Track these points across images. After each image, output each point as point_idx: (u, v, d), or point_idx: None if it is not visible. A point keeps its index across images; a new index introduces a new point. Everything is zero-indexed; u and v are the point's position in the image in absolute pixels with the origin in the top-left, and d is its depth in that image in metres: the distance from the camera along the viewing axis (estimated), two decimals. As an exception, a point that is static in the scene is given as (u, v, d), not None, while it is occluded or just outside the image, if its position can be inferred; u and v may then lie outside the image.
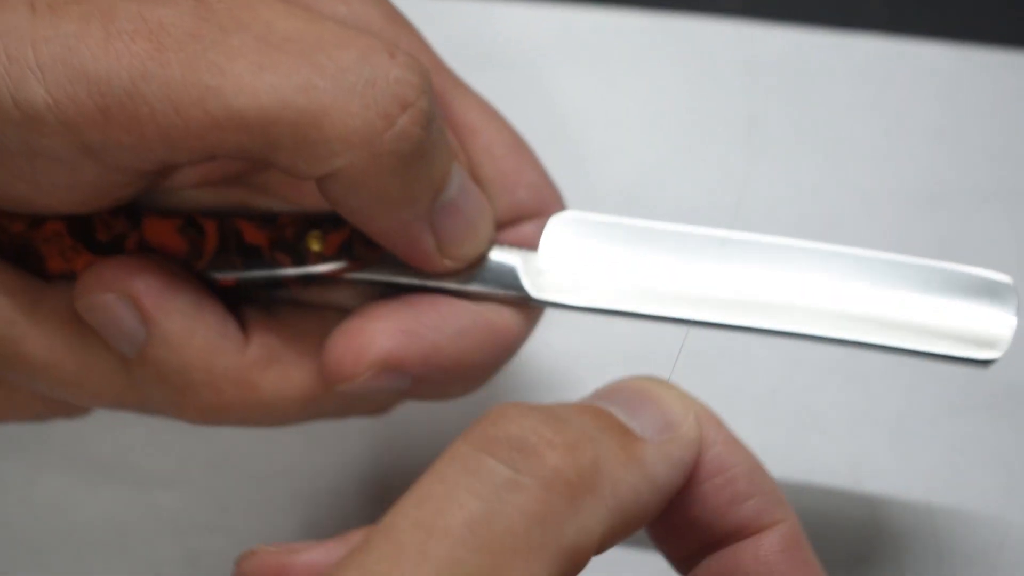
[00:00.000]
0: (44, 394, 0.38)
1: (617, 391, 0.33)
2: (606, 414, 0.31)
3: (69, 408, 0.39)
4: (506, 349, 0.38)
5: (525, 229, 0.39)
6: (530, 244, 0.38)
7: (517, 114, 0.49)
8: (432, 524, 0.26)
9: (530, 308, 0.38)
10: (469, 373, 0.37)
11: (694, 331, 0.37)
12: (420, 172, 0.33)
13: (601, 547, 0.29)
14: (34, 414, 0.39)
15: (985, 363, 0.36)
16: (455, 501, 0.27)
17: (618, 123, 0.50)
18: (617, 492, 0.29)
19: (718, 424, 0.33)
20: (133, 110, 0.31)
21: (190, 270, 0.36)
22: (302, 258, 0.36)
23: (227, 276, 0.36)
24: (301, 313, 0.38)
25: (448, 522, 0.26)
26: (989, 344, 0.36)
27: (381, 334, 0.35)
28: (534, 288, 0.37)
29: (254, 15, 0.32)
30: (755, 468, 0.33)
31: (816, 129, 0.50)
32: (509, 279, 0.37)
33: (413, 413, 0.44)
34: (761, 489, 0.33)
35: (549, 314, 0.40)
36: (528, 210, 0.38)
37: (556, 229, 0.38)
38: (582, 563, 0.28)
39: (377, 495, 0.46)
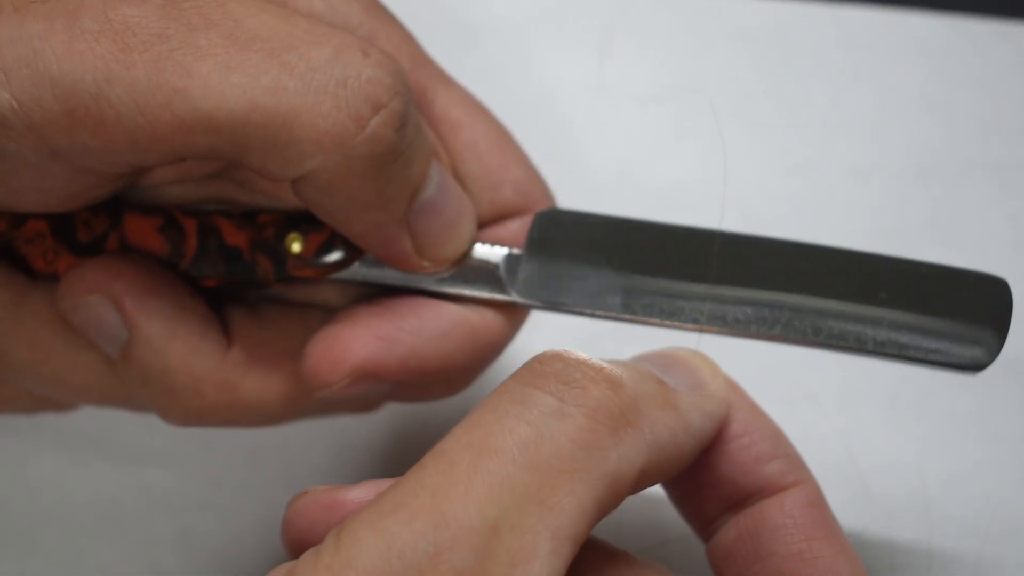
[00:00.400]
0: (31, 390, 0.37)
1: (652, 356, 0.34)
2: (644, 367, 0.32)
3: (58, 402, 0.39)
4: (489, 352, 0.37)
5: (510, 227, 0.38)
6: (515, 242, 0.37)
7: (505, 88, 0.49)
8: (483, 445, 0.28)
9: (515, 309, 0.37)
10: (450, 376, 0.37)
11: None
12: (395, 174, 0.33)
13: (639, 482, 0.30)
14: (23, 408, 0.39)
15: (975, 371, 0.36)
16: (505, 426, 0.28)
17: (606, 97, 0.50)
18: (655, 430, 0.30)
19: (743, 393, 0.35)
20: (98, 113, 0.30)
21: (173, 269, 0.36)
22: (282, 260, 0.36)
23: (209, 278, 0.36)
24: (284, 311, 0.38)
25: (499, 443, 0.28)
26: (980, 353, 0.36)
27: (358, 341, 0.35)
28: (517, 289, 0.37)
29: (224, 12, 0.31)
30: (778, 434, 0.35)
31: (805, 102, 0.50)
32: (492, 280, 0.37)
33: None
34: (784, 452, 0.34)
35: (536, 312, 0.39)
36: (513, 208, 0.38)
37: (541, 227, 0.37)
38: (622, 493, 0.29)
39: (371, 472, 0.46)
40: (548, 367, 0.29)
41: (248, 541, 0.46)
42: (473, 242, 0.37)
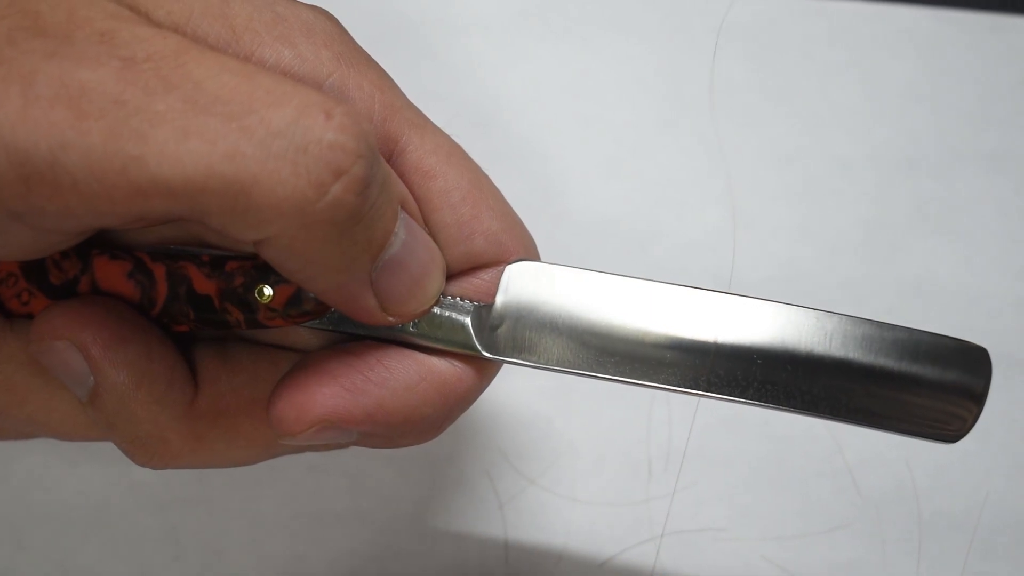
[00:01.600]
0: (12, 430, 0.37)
1: None
2: None
3: None
4: (457, 404, 0.36)
5: (482, 278, 0.37)
6: (486, 295, 0.36)
7: (484, 83, 0.49)
8: None
9: (486, 362, 0.37)
10: (418, 427, 0.36)
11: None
12: (357, 237, 0.32)
13: None
14: (10, 437, 0.39)
15: (951, 443, 0.35)
16: None
17: (590, 92, 0.50)
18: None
19: None
20: (54, 180, 0.30)
21: (144, 314, 0.36)
22: (253, 310, 0.35)
23: (180, 324, 0.36)
24: (255, 353, 0.37)
25: None
26: (956, 427, 0.35)
27: (324, 391, 0.35)
28: (486, 344, 0.36)
29: (183, 74, 0.31)
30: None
31: (792, 94, 0.50)
32: (460, 334, 0.36)
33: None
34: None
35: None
36: (485, 258, 0.37)
37: (512, 280, 0.36)
38: None
39: (360, 480, 0.47)
40: None
41: (236, 535, 0.46)
42: (441, 295, 0.36)
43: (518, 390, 0.47)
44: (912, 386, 0.35)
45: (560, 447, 0.47)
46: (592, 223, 0.49)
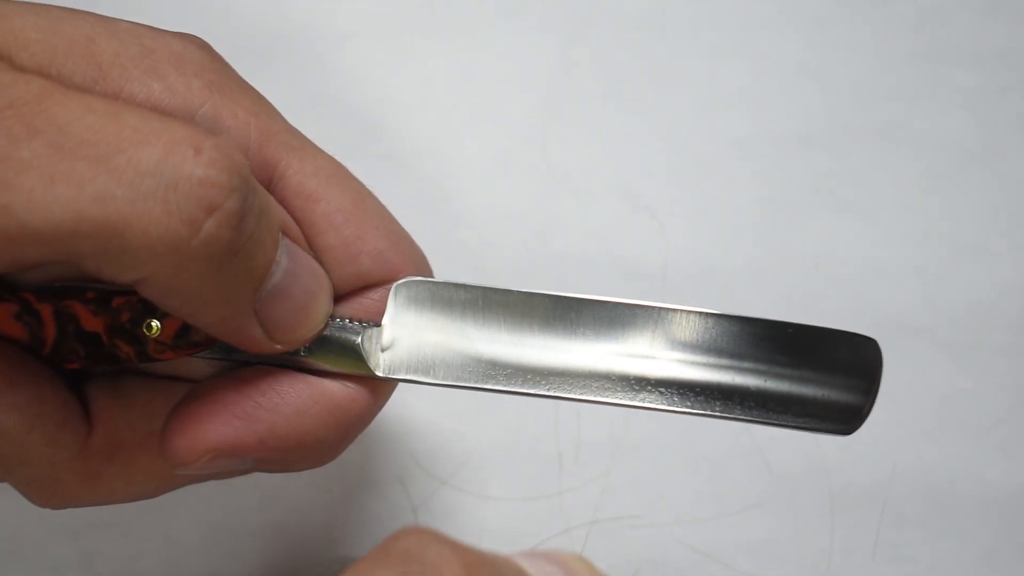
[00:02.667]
0: None
1: (526, 552, 0.32)
2: (508, 559, 0.31)
3: None
4: (352, 425, 0.37)
5: (372, 297, 0.37)
6: (376, 315, 0.37)
7: (373, 87, 0.49)
8: None
9: (380, 382, 0.37)
10: (313, 451, 0.36)
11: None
12: (236, 270, 0.32)
13: None
14: None
15: (845, 435, 0.36)
16: None
17: (481, 87, 0.50)
18: None
19: None
20: None
21: (34, 355, 0.36)
22: (142, 344, 0.35)
23: (71, 362, 0.36)
24: (148, 386, 0.37)
25: None
26: (849, 419, 0.35)
27: (215, 420, 0.35)
28: (377, 363, 0.36)
29: (48, 118, 0.30)
30: None
31: (683, 80, 0.50)
32: (351, 356, 0.36)
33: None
34: None
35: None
36: (373, 279, 0.37)
37: (399, 298, 0.36)
38: None
39: (272, 492, 0.47)
40: (401, 543, 0.28)
41: (151, 557, 0.46)
42: (330, 318, 0.36)
43: (424, 392, 0.47)
44: (805, 382, 0.35)
45: (469, 446, 0.47)
46: (491, 219, 0.49)
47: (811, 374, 0.35)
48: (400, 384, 0.38)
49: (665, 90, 0.50)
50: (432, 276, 0.38)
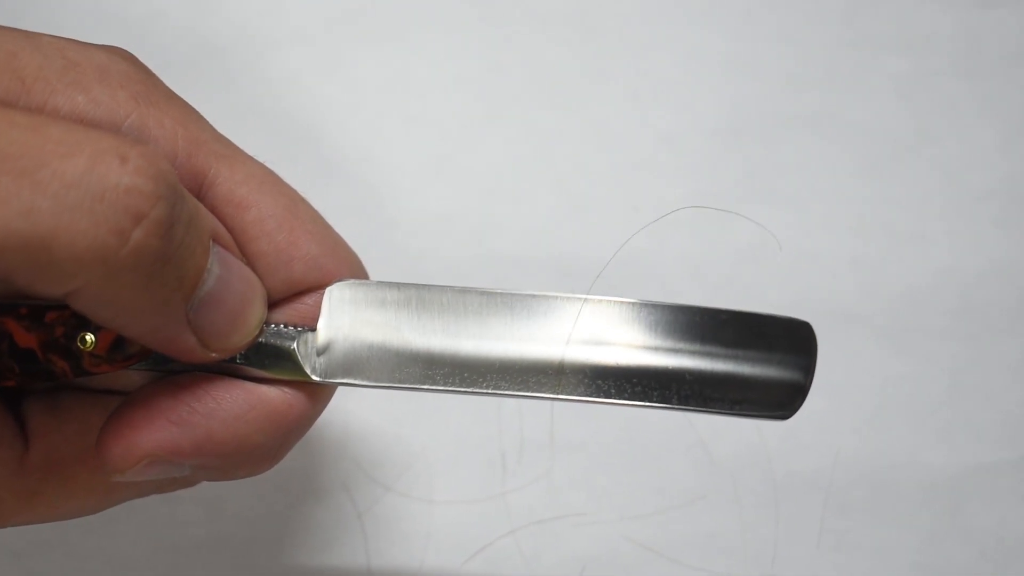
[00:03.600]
0: None
1: None
2: None
3: None
4: (290, 430, 0.37)
5: (307, 302, 0.37)
6: (311, 320, 0.37)
7: (305, 94, 0.49)
8: None
9: (318, 387, 0.37)
10: (251, 456, 0.36)
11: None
12: (166, 279, 0.32)
13: None
14: None
15: (783, 419, 0.36)
16: None
17: (412, 91, 0.51)
18: None
19: None
20: None
21: None
22: (77, 359, 0.35)
23: (7, 380, 0.36)
24: (85, 401, 0.37)
25: None
26: (786, 403, 0.36)
27: (150, 426, 0.35)
28: (314, 369, 0.36)
29: None
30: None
31: (613, 74, 0.50)
32: (287, 361, 0.36)
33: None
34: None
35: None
36: (307, 284, 0.37)
37: (333, 302, 0.37)
38: None
39: (215, 504, 0.47)
40: None
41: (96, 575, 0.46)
42: (264, 324, 0.36)
43: (367, 398, 0.48)
44: (740, 368, 0.35)
45: (413, 450, 0.47)
46: (427, 222, 0.49)
47: (746, 360, 0.36)
48: (342, 390, 0.38)
49: (596, 87, 0.51)
50: (368, 279, 0.38)
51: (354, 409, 0.47)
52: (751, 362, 0.35)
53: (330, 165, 0.50)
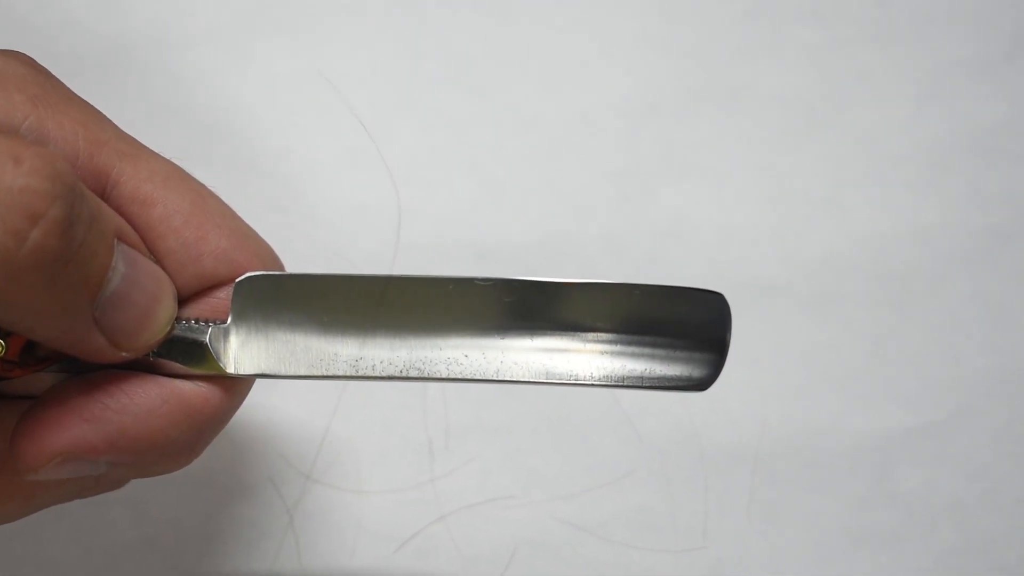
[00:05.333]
0: None
1: None
2: None
3: None
4: (206, 424, 0.37)
5: (218, 297, 0.37)
6: (223, 313, 0.37)
7: (218, 91, 0.49)
8: None
9: (234, 380, 0.37)
10: (166, 451, 0.37)
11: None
12: (69, 279, 0.32)
13: None
14: None
15: (701, 390, 0.36)
16: None
17: (326, 82, 0.51)
18: None
19: None
20: None
21: None
22: None
23: None
24: (1, 407, 0.37)
25: None
26: (703, 373, 0.36)
27: (62, 423, 0.35)
28: (227, 362, 0.37)
29: None
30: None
31: (527, 56, 0.51)
32: (200, 355, 0.37)
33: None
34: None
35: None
36: (218, 278, 0.37)
37: (242, 295, 0.37)
38: None
39: (143, 506, 0.47)
40: None
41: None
42: (176, 320, 0.37)
43: (291, 392, 0.48)
44: (656, 341, 0.36)
45: (339, 441, 0.48)
46: (345, 213, 0.50)
47: (662, 333, 0.36)
48: (264, 385, 0.38)
49: (510, 69, 0.51)
50: (282, 271, 0.38)
51: (278, 403, 0.48)
52: (667, 335, 0.36)
53: (246, 160, 0.50)
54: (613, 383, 0.36)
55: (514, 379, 0.36)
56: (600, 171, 0.50)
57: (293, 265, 0.40)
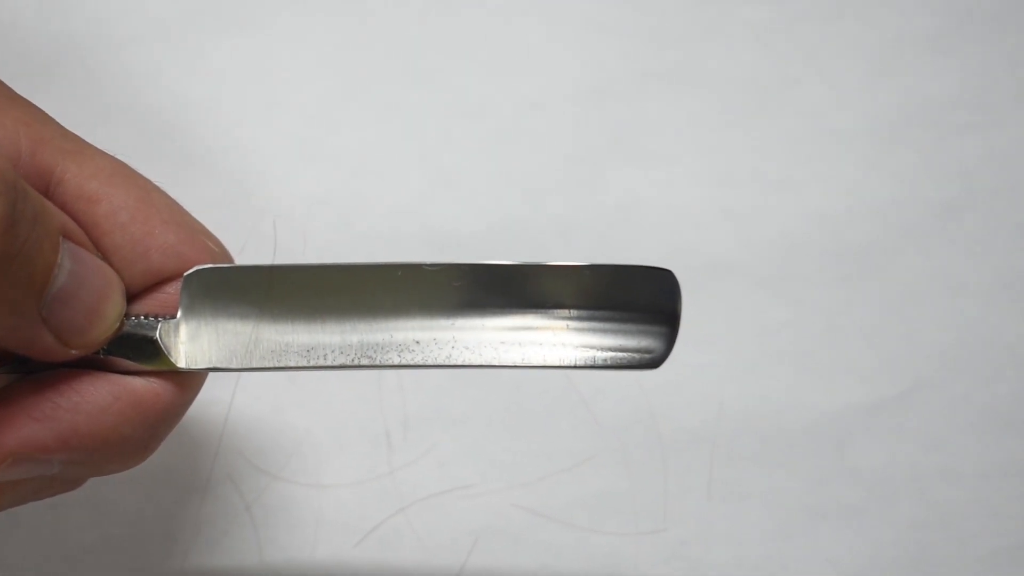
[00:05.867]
0: None
1: None
2: None
3: None
4: (159, 420, 0.37)
5: (168, 292, 0.37)
6: (173, 308, 0.37)
7: (167, 89, 0.49)
8: None
9: (187, 374, 0.37)
10: (119, 449, 0.36)
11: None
12: (14, 278, 0.32)
13: None
14: None
15: (653, 368, 0.37)
16: None
17: (275, 77, 0.51)
18: None
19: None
20: None
21: None
22: None
23: None
24: None
25: None
26: (655, 350, 0.36)
27: (12, 423, 0.35)
28: (178, 357, 0.37)
29: None
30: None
31: (474, 44, 0.51)
32: (151, 351, 0.37)
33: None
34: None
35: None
36: (166, 273, 0.37)
37: (191, 289, 0.37)
38: None
39: (102, 507, 0.47)
40: None
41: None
42: (125, 316, 0.36)
43: (247, 387, 0.48)
44: (607, 320, 0.36)
45: (297, 436, 0.48)
46: (297, 207, 0.50)
47: (613, 311, 0.36)
48: (219, 381, 0.38)
49: (458, 59, 0.51)
50: (231, 263, 0.38)
51: (235, 400, 0.48)
52: (617, 314, 0.36)
53: (196, 157, 0.50)
54: (566, 364, 0.36)
55: (466, 364, 0.37)
56: (551, 156, 0.51)
57: (243, 259, 0.40)
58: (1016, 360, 0.50)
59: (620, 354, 0.36)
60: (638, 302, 0.36)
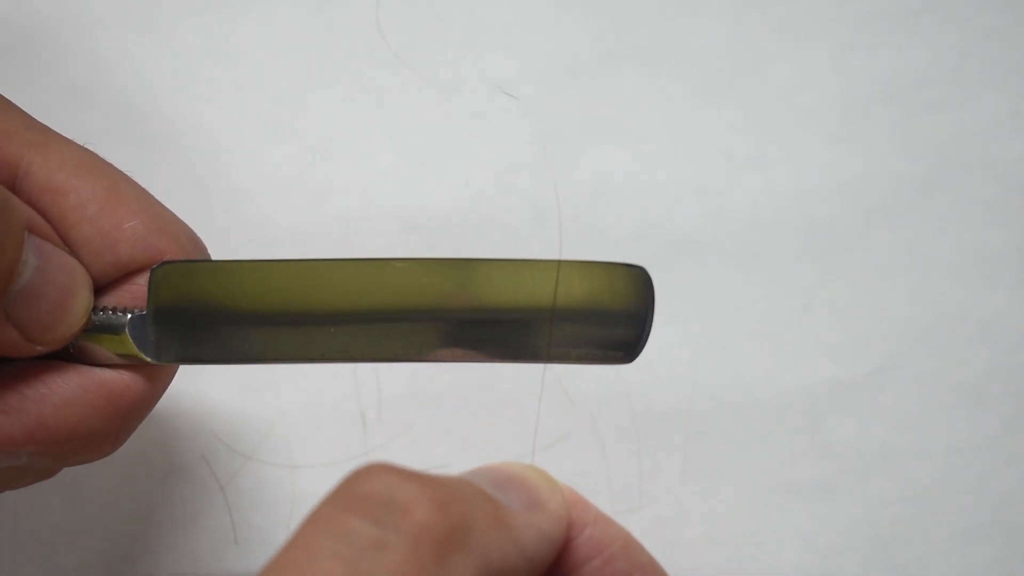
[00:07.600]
0: None
1: (483, 471, 0.33)
2: (474, 483, 0.31)
3: None
4: (129, 412, 0.37)
5: (138, 284, 0.38)
6: (142, 301, 0.37)
7: (133, 71, 0.49)
8: None
9: (156, 367, 0.38)
10: (87, 441, 0.37)
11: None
12: None
13: None
14: None
15: (627, 362, 0.37)
16: (319, 567, 0.26)
17: (242, 57, 0.51)
18: (486, 553, 0.29)
19: (586, 504, 0.34)
20: None
21: None
22: None
23: None
24: None
25: None
26: (629, 341, 0.37)
27: None
28: (147, 350, 0.37)
29: None
30: (630, 543, 0.34)
31: (444, 24, 0.52)
32: (120, 345, 0.37)
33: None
34: (639, 563, 0.34)
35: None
36: (136, 264, 0.37)
37: (159, 283, 0.37)
38: None
39: (75, 489, 0.47)
40: (366, 487, 0.28)
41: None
42: (93, 310, 0.37)
43: (218, 369, 0.48)
44: (579, 317, 0.37)
45: (271, 417, 0.48)
46: (267, 188, 0.50)
47: (585, 308, 0.37)
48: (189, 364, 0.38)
49: (428, 39, 0.52)
50: (205, 252, 0.39)
51: (208, 381, 0.49)
52: (590, 311, 0.37)
53: (165, 139, 0.51)
54: (540, 359, 0.37)
55: (437, 360, 0.37)
56: (522, 136, 0.51)
57: (215, 243, 0.40)
58: (988, 336, 0.51)
59: (593, 349, 0.37)
60: (611, 298, 0.37)
